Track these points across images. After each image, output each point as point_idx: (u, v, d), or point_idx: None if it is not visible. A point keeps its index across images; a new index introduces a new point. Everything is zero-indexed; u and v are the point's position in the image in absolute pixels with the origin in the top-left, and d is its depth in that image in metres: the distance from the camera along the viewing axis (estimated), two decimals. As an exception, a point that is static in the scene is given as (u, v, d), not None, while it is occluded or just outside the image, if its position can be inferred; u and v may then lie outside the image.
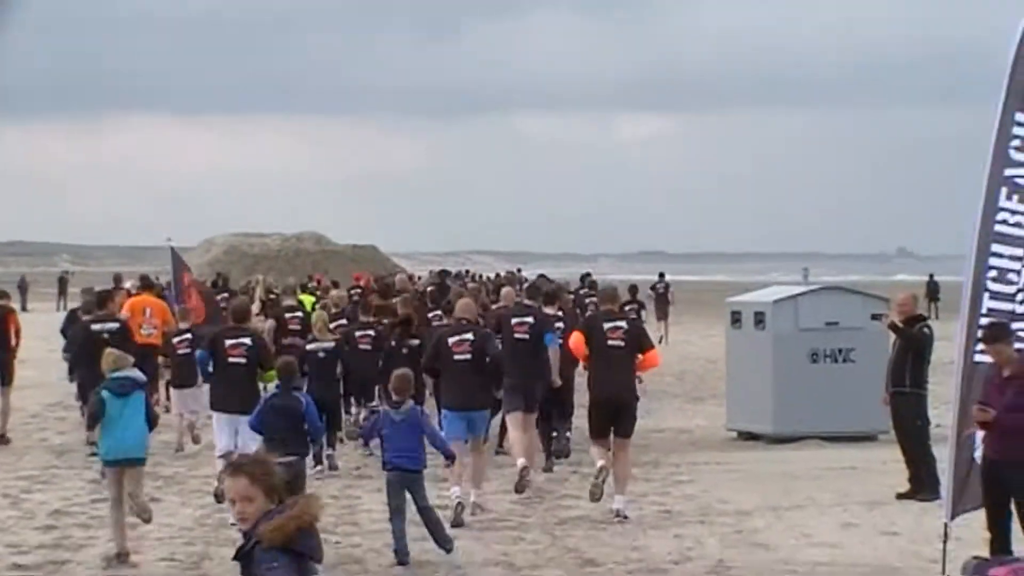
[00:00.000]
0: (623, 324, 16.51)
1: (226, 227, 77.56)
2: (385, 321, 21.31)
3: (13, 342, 22.16)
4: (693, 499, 17.17)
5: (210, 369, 16.60)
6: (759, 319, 22.38)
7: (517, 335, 17.77)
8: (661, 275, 48.94)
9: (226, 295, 30.48)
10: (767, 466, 19.63)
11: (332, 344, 19.97)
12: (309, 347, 19.95)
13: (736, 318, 22.97)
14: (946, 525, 12.78)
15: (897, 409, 17.40)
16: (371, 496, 16.94)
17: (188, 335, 20.98)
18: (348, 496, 17.30)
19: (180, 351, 20.80)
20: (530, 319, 18.01)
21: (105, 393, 13.90)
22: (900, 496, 16.95)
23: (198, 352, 17.79)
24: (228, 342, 16.40)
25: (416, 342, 20.17)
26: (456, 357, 15.94)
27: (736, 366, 23.04)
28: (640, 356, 16.48)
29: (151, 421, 14.22)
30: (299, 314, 22.27)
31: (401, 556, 13.79)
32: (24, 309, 56.40)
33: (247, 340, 16.48)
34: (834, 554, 14.15)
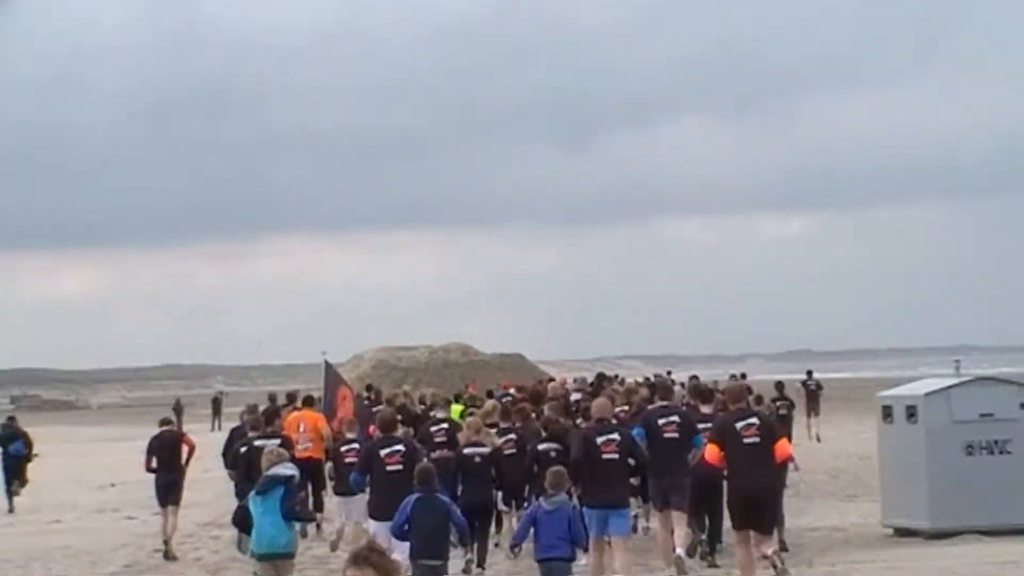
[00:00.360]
0: (756, 420, 16.90)
1: (375, 342, 78.23)
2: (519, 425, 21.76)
3: (183, 462, 23.12)
4: (850, 598, 16.83)
5: (366, 481, 17.33)
6: (911, 412, 22.02)
7: (667, 435, 18.17)
8: (809, 372, 48.78)
9: (379, 407, 30.75)
10: (926, 562, 19.20)
11: (488, 449, 19.90)
12: (466, 451, 19.80)
13: (887, 412, 22.61)
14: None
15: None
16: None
17: (355, 444, 21.20)
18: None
19: (347, 459, 20.90)
20: (676, 418, 18.42)
21: (252, 495, 14.81)
22: None
23: (352, 475, 18.29)
24: (383, 452, 17.12)
25: (557, 445, 19.95)
26: (605, 456, 16.46)
27: (889, 461, 22.65)
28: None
29: (289, 515, 14.74)
30: (444, 426, 22.28)
31: None
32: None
33: (400, 447, 17.22)
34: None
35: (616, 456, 16.50)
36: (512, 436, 20.97)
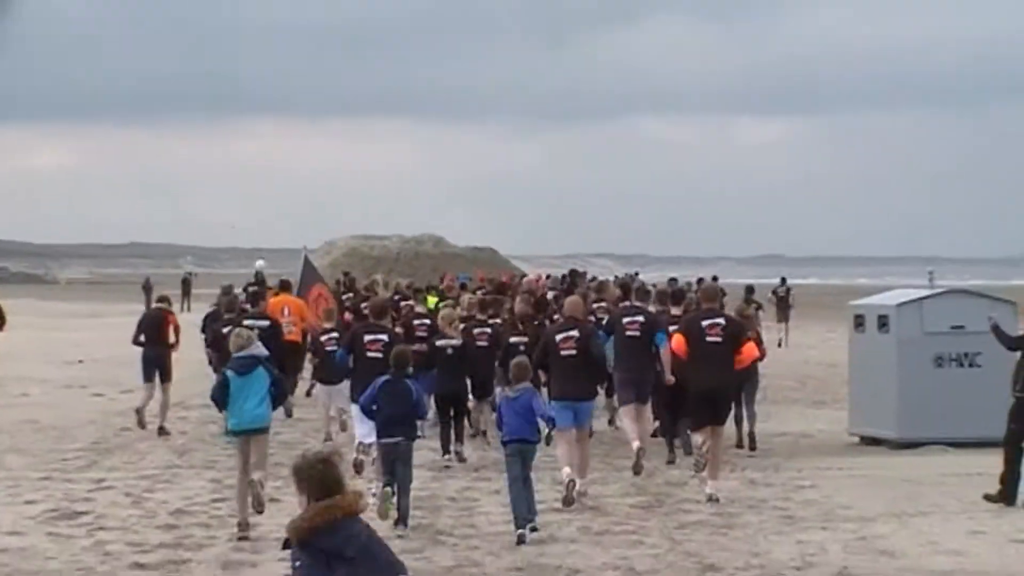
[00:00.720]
0: (722, 320, 17.46)
1: (348, 229, 77.95)
2: (500, 320, 22.36)
3: (172, 340, 23.58)
4: (815, 504, 16.94)
5: (350, 365, 17.81)
6: (883, 323, 22.06)
7: (629, 332, 18.90)
8: (783, 279, 49.88)
9: (351, 295, 30.79)
10: (891, 471, 19.33)
11: (460, 341, 20.48)
12: (438, 343, 20.44)
13: (859, 322, 22.65)
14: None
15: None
16: (490, 499, 16.92)
17: (335, 333, 21.65)
18: (466, 499, 17.28)
19: (327, 348, 21.40)
20: (640, 318, 19.09)
21: (229, 373, 14.98)
22: (986, 497, 16.71)
23: (337, 352, 18.99)
24: (367, 338, 17.69)
25: (526, 339, 20.74)
26: (563, 353, 16.93)
27: (859, 370, 22.71)
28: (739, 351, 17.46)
29: (277, 396, 15.21)
30: (426, 321, 22.39)
31: (520, 522, 14.72)
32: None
33: (384, 336, 17.66)
34: (961, 562, 13.88)
35: (574, 352, 16.96)
36: (487, 330, 21.37)
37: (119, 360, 33.04)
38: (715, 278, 47.10)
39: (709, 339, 17.23)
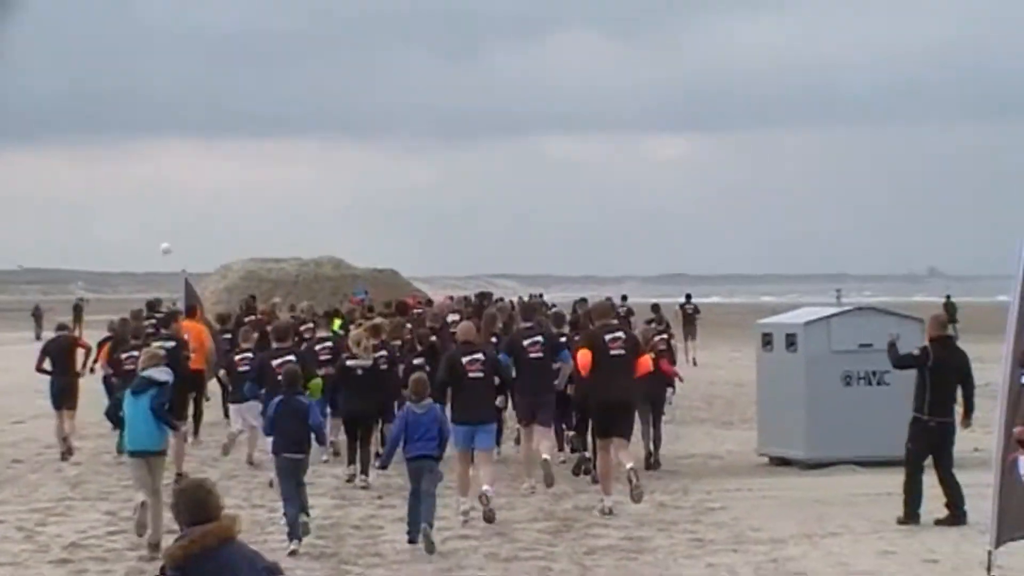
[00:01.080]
0: (621, 334, 17.88)
1: (243, 252, 76.82)
2: (399, 342, 22.10)
3: (79, 367, 23.42)
4: (725, 526, 16.70)
5: (261, 391, 18.77)
6: (791, 341, 21.89)
7: (532, 354, 19.15)
8: (688, 296, 50.46)
9: (253, 318, 30.09)
10: (800, 492, 19.14)
11: (369, 361, 20.42)
12: (348, 363, 20.41)
13: (767, 340, 22.46)
14: (990, 553, 12.31)
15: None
16: (394, 526, 16.53)
17: (249, 354, 21.82)
18: (370, 526, 16.91)
19: (240, 368, 21.65)
20: (540, 338, 19.39)
21: (126, 393, 15.65)
22: (938, 522, 16.50)
23: (247, 386, 19.93)
24: (275, 362, 18.51)
25: (425, 360, 20.85)
26: (470, 375, 17.17)
27: (767, 389, 22.53)
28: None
29: (164, 421, 15.52)
30: (328, 344, 22.06)
31: (413, 535, 15.21)
32: (38, 338, 55.91)
33: (291, 358, 18.33)
34: (873, 583, 13.67)
35: (481, 375, 17.25)
36: (383, 352, 20.96)
37: (8, 389, 32.35)
38: (624, 297, 47.28)
39: (613, 352, 17.49)
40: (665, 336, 24.21)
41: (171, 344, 21.09)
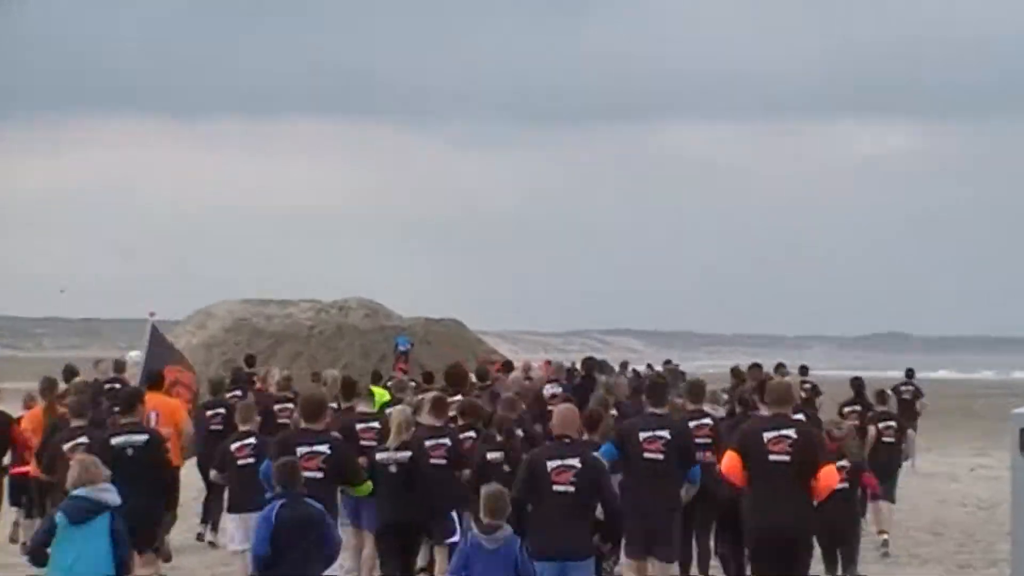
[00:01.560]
0: (791, 433, 13.03)
1: (229, 291, 59.99)
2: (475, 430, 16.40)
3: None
4: None
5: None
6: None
7: (648, 454, 14.45)
8: (910, 372, 33.66)
9: (239, 392, 22.28)
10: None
11: (407, 454, 14.93)
12: (378, 456, 14.93)
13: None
14: None
15: None
16: None
17: (251, 439, 15.84)
18: None
19: (240, 461, 15.65)
20: (667, 433, 14.53)
21: (58, 517, 11.42)
22: None
23: (263, 466, 13.40)
24: (301, 450, 13.21)
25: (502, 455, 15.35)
26: (556, 488, 12.58)
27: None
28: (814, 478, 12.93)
29: (118, 565, 11.40)
30: (374, 424, 16.50)
31: None
32: None
33: (324, 448, 13.40)
34: None
35: (572, 489, 12.59)
36: (445, 440, 15.66)
37: None
38: (804, 369, 32.85)
39: (773, 458, 12.93)
40: (892, 424, 18.80)
41: (141, 438, 14.73)
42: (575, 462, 12.62)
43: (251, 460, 15.28)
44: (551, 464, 12.63)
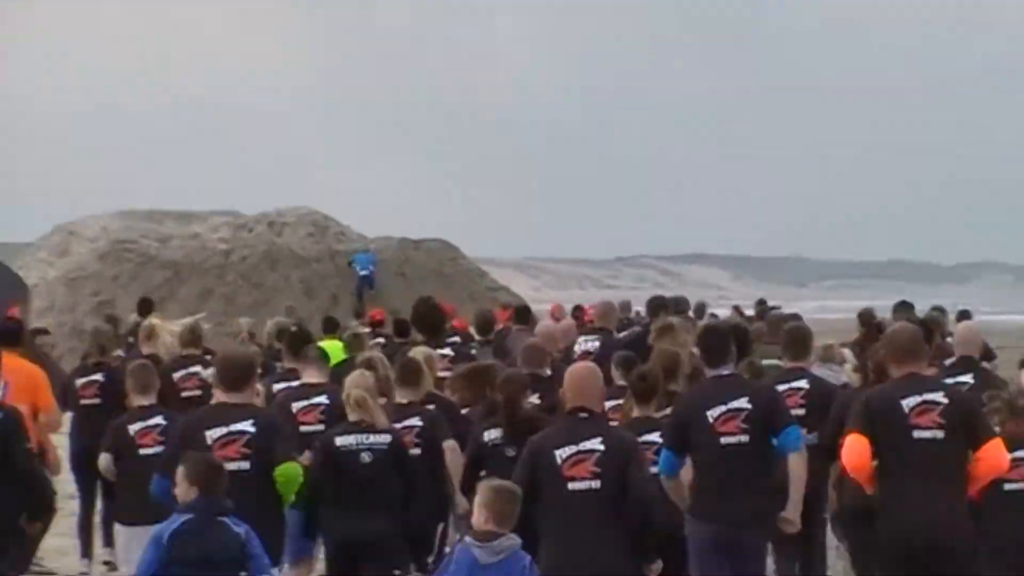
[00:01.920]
0: (939, 396, 9.57)
1: (112, 200, 46.94)
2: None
3: None
4: None
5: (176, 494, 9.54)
6: None
7: (724, 437, 10.24)
8: None
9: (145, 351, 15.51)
10: None
11: (386, 439, 11.11)
12: (338, 441, 11.05)
13: None
14: None
15: None
16: None
17: (158, 419, 11.81)
18: None
19: (144, 450, 11.67)
20: (746, 402, 10.24)
21: None
22: None
23: (154, 481, 10.01)
24: (209, 433, 10.06)
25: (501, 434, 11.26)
26: (571, 486, 9.50)
27: None
28: (973, 455, 9.44)
29: None
30: (322, 400, 12.17)
31: None
32: None
33: (247, 426, 10.06)
34: None
35: (595, 484, 9.50)
36: (414, 420, 11.72)
37: None
38: (966, 314, 21.87)
39: (917, 434, 9.50)
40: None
41: None
42: (596, 444, 9.45)
43: (159, 449, 11.18)
44: (561, 453, 9.50)
